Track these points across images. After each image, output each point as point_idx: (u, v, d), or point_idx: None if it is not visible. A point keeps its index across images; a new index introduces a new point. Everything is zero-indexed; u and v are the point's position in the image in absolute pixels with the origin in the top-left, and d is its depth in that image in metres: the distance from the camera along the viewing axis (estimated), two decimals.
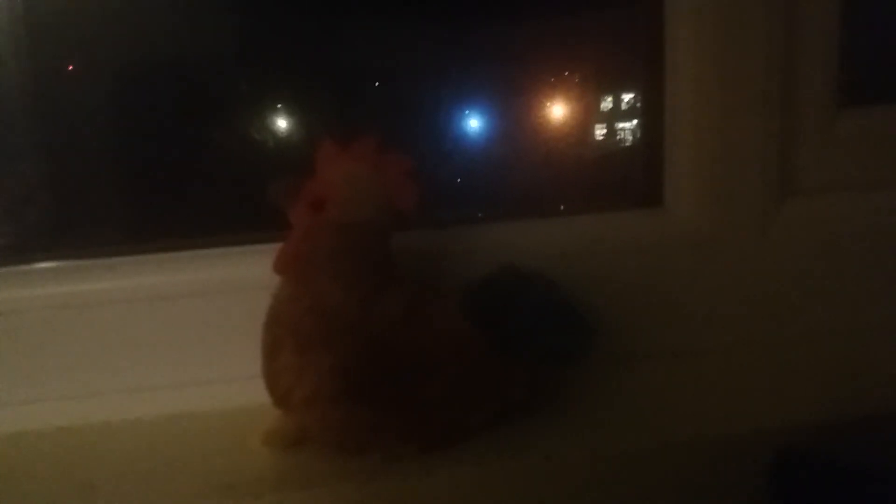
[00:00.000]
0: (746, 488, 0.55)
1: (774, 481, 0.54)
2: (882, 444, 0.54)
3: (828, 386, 0.63)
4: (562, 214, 0.70)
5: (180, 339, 0.64)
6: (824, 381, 0.64)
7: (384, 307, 0.54)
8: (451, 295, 0.58)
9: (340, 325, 0.53)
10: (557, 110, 0.78)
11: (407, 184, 0.56)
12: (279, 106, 0.77)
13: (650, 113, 0.71)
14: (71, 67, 0.73)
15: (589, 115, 0.80)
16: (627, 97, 0.79)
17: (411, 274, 0.58)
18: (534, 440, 0.55)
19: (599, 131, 0.81)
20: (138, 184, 0.77)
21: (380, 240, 0.56)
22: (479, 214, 0.75)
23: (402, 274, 0.57)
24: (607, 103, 0.81)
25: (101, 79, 0.73)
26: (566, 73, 0.78)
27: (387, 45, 0.75)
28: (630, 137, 0.79)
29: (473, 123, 0.78)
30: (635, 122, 0.77)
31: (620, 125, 0.80)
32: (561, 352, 0.57)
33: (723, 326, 0.70)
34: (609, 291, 0.67)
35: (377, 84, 0.77)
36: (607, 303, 0.65)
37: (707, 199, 0.69)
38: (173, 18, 0.73)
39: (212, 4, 0.75)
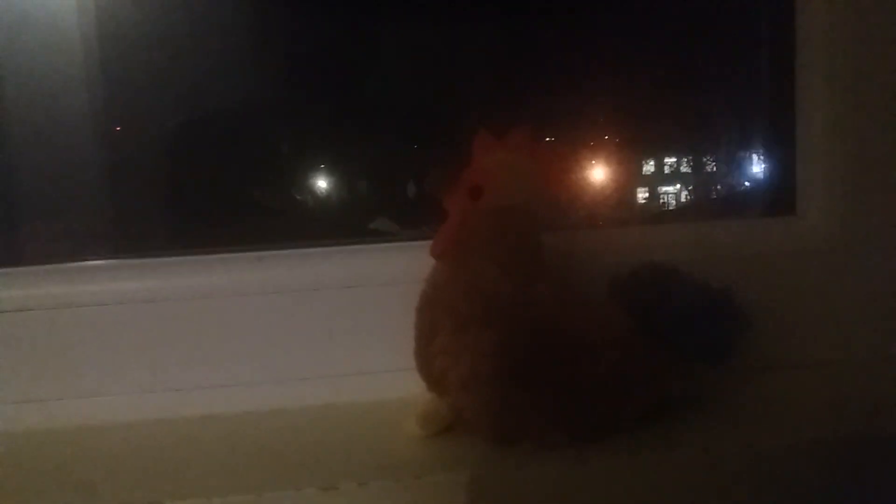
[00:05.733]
0: None
1: None
2: None
3: None
4: (692, 220, 0.70)
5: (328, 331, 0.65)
6: None
7: (540, 290, 0.54)
8: (598, 287, 0.58)
9: (499, 305, 0.53)
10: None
11: (560, 171, 0.57)
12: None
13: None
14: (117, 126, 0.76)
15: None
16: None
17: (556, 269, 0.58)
18: (688, 434, 0.54)
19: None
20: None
21: (533, 226, 0.57)
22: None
23: (550, 266, 0.58)
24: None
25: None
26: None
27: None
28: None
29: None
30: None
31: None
32: (717, 345, 0.56)
33: (857, 337, 0.68)
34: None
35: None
36: None
37: (840, 208, 0.68)
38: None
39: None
